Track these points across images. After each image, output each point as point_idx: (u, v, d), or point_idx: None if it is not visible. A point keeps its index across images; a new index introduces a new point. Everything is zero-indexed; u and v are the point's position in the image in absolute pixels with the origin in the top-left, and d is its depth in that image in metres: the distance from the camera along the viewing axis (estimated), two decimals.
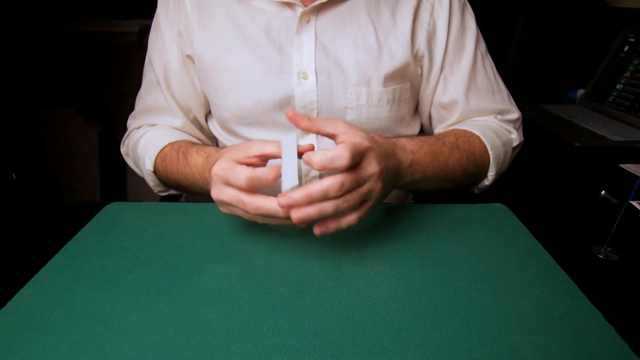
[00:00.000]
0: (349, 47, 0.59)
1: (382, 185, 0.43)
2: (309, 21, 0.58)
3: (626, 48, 1.18)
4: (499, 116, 0.65)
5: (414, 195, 0.77)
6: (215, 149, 0.56)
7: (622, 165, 0.79)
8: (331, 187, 0.38)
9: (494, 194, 0.64)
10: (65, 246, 0.47)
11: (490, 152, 0.60)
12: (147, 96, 0.67)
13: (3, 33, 1.70)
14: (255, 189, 0.41)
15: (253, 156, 0.43)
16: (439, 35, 0.62)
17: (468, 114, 0.64)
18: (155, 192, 0.66)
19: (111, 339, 0.35)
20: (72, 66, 1.87)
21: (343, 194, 0.39)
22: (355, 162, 0.39)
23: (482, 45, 0.65)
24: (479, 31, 0.64)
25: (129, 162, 0.70)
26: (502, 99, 0.66)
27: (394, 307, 0.38)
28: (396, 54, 0.59)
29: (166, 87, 0.64)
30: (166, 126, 0.66)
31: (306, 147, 0.41)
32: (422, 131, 0.73)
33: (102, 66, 1.75)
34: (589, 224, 0.53)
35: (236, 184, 0.40)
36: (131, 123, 0.69)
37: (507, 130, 0.65)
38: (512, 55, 1.38)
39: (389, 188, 0.46)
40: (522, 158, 0.71)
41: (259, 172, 0.40)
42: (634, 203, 0.54)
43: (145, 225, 0.51)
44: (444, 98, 0.64)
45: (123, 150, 0.70)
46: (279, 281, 0.41)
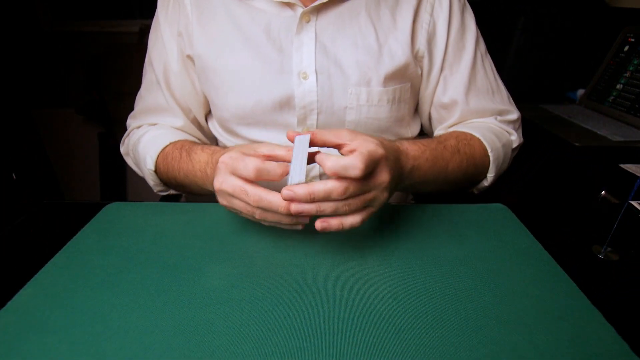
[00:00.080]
0: (349, 48, 0.59)
1: (387, 194, 0.44)
2: (309, 21, 0.58)
3: (626, 48, 1.18)
4: (498, 117, 0.65)
5: (414, 196, 0.77)
6: (221, 147, 0.56)
7: (622, 165, 0.79)
8: (335, 190, 0.38)
9: (493, 194, 0.64)
10: (65, 246, 0.47)
11: (490, 154, 0.60)
12: (147, 96, 0.67)
13: (3, 33, 1.70)
14: (260, 181, 0.41)
15: (262, 155, 0.43)
16: (438, 36, 0.62)
17: (468, 114, 0.65)
18: (155, 191, 0.66)
19: (111, 339, 0.35)
20: (72, 66, 1.87)
21: (346, 198, 0.39)
22: (368, 172, 0.40)
23: (482, 46, 0.65)
24: (478, 32, 0.64)
25: (129, 161, 0.70)
26: (502, 99, 0.66)
27: (394, 307, 0.38)
28: (396, 54, 0.60)
29: (166, 87, 0.64)
30: (167, 126, 0.66)
31: (314, 151, 0.42)
32: (422, 131, 0.73)
33: (102, 66, 1.75)
34: (589, 224, 0.53)
35: (243, 173, 0.41)
36: (131, 123, 0.69)
37: (506, 132, 0.65)
38: (512, 56, 1.38)
39: (392, 194, 0.47)
40: (522, 158, 0.71)
41: (268, 164, 0.40)
42: (634, 203, 0.54)
43: (145, 225, 0.51)
44: (444, 98, 0.65)
45: (123, 149, 0.70)
46: (279, 281, 0.41)
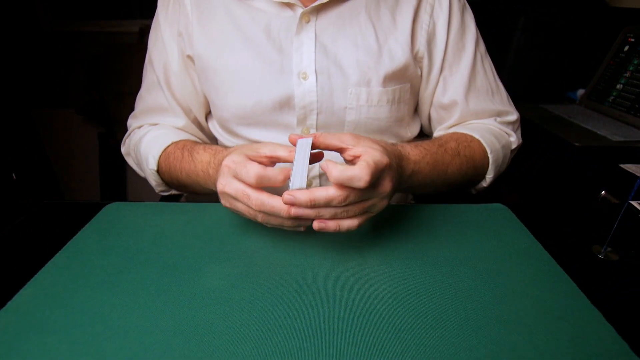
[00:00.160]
0: (349, 48, 0.59)
1: (387, 202, 0.44)
2: (308, 21, 0.58)
3: (626, 48, 1.18)
4: (498, 118, 0.65)
5: (414, 196, 0.77)
6: (223, 147, 0.56)
7: (622, 165, 0.79)
8: (336, 197, 0.39)
9: (493, 194, 0.64)
10: (65, 246, 0.47)
11: (489, 156, 0.60)
12: (148, 96, 0.67)
13: (3, 33, 1.70)
14: (262, 187, 0.41)
15: (264, 156, 0.44)
16: (438, 37, 0.62)
17: (467, 115, 0.65)
18: (157, 191, 0.66)
19: (111, 339, 0.35)
20: (72, 66, 1.87)
21: (346, 205, 0.40)
22: (373, 183, 0.40)
23: (482, 47, 0.65)
24: (478, 32, 0.64)
25: (130, 162, 0.70)
26: (501, 100, 0.66)
27: (394, 307, 0.38)
28: (396, 54, 0.59)
29: (167, 87, 0.64)
30: (168, 125, 0.66)
31: (316, 154, 0.42)
32: (421, 132, 0.73)
33: (102, 66, 1.74)
34: (589, 224, 0.53)
35: (245, 179, 0.41)
36: (132, 123, 0.69)
37: (506, 133, 0.65)
38: (512, 56, 1.38)
39: (391, 199, 0.47)
40: (522, 158, 0.71)
41: (269, 171, 0.41)
42: (634, 203, 0.54)
43: (145, 225, 0.51)
44: (444, 99, 0.65)
45: (124, 150, 0.70)
46: (279, 281, 0.41)
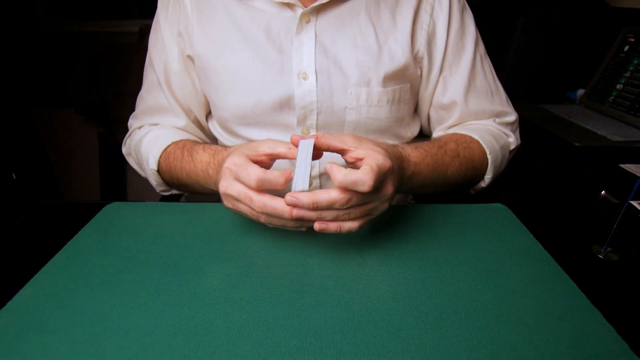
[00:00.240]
0: (348, 48, 0.59)
1: (388, 204, 0.44)
2: (308, 22, 0.58)
3: (626, 48, 1.18)
4: (497, 119, 0.65)
5: (414, 196, 0.77)
6: (222, 147, 0.56)
7: (622, 165, 0.79)
8: (338, 200, 0.39)
9: (493, 194, 0.64)
10: (65, 246, 0.47)
11: (488, 157, 0.61)
12: (148, 96, 0.67)
13: (3, 33, 1.70)
14: (263, 189, 0.41)
15: (263, 154, 0.44)
16: (438, 37, 0.62)
17: (467, 116, 0.65)
18: (158, 191, 0.66)
19: (111, 339, 0.35)
20: (72, 66, 1.87)
21: (348, 207, 0.40)
22: (376, 188, 0.40)
23: (481, 47, 0.65)
24: (478, 33, 0.64)
25: (131, 162, 0.70)
26: (501, 100, 0.66)
27: (394, 307, 0.38)
28: (396, 55, 0.59)
29: (167, 88, 0.64)
30: (169, 125, 0.66)
31: (315, 152, 0.42)
32: (421, 132, 0.73)
33: (102, 66, 1.74)
34: (589, 224, 0.53)
35: (246, 182, 0.41)
36: (132, 123, 0.69)
37: (504, 134, 0.66)
38: (512, 56, 1.38)
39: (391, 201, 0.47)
40: (522, 158, 0.71)
41: (270, 175, 0.40)
42: (634, 203, 0.54)
43: (145, 225, 0.51)
44: (443, 99, 0.65)
45: (124, 150, 0.70)
46: (279, 281, 0.41)
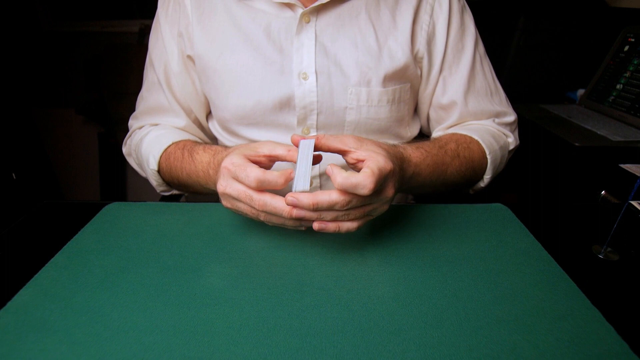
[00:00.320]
0: (348, 48, 0.59)
1: (388, 206, 0.44)
2: (309, 22, 0.58)
3: (626, 48, 1.18)
4: (496, 119, 0.65)
5: (414, 196, 0.77)
6: (222, 147, 0.56)
7: (622, 165, 0.79)
8: (338, 202, 0.39)
9: (493, 194, 0.64)
10: (65, 246, 0.47)
11: (488, 157, 0.61)
12: (149, 97, 0.67)
13: (3, 33, 1.70)
14: (263, 189, 0.41)
15: (262, 155, 0.44)
16: (438, 37, 0.62)
17: (466, 116, 0.65)
18: (158, 191, 0.66)
19: (111, 339, 0.35)
20: (72, 66, 1.87)
21: (347, 209, 0.40)
22: (377, 190, 0.40)
23: (481, 47, 0.65)
24: (477, 33, 0.64)
25: (131, 162, 0.70)
26: (500, 101, 0.66)
27: (394, 307, 0.38)
28: (396, 55, 0.60)
29: (167, 88, 0.64)
30: (169, 126, 0.66)
31: (314, 156, 0.42)
32: (421, 132, 0.73)
33: (102, 66, 1.75)
34: (589, 224, 0.53)
35: (245, 182, 0.41)
36: (133, 123, 0.69)
37: (504, 134, 0.66)
38: (512, 56, 1.37)
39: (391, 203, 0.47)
40: (522, 158, 0.71)
41: (269, 175, 0.40)
42: (634, 203, 0.54)
43: (145, 225, 0.51)
44: (443, 99, 0.65)
45: (125, 150, 0.70)
46: (279, 281, 0.41)
